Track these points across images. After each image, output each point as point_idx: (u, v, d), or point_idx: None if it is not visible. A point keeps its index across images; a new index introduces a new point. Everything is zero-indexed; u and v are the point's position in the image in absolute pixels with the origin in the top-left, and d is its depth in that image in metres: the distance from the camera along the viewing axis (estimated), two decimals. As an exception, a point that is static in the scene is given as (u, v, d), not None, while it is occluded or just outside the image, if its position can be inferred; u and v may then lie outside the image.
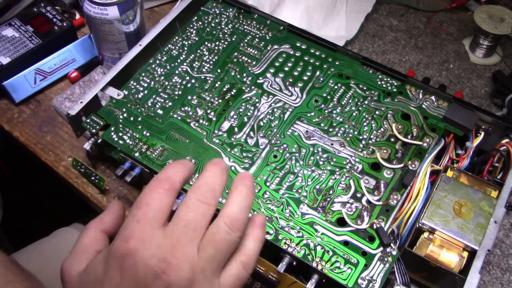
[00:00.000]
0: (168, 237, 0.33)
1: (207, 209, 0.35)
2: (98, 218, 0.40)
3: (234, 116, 0.54)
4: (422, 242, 0.46)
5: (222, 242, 0.34)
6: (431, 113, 0.54)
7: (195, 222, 0.34)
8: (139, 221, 0.34)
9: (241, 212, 0.35)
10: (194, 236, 0.34)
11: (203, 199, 0.35)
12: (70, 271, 0.37)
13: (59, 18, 0.67)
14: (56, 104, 0.63)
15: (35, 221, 1.01)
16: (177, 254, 0.33)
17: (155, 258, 0.32)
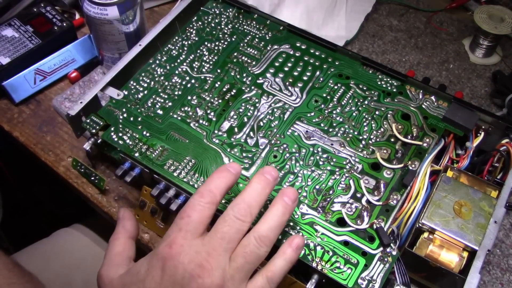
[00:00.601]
0: (205, 246, 0.38)
1: (242, 225, 0.39)
2: (122, 227, 0.45)
3: (234, 116, 0.54)
4: (422, 242, 0.46)
5: (251, 255, 0.39)
6: (431, 113, 0.54)
7: (229, 235, 0.39)
8: (181, 230, 0.39)
9: (270, 230, 0.40)
10: (228, 247, 0.38)
11: (239, 216, 0.39)
12: (110, 276, 0.41)
13: (59, 18, 0.67)
14: (56, 104, 0.63)
15: (35, 221, 1.01)
16: (212, 261, 0.37)
17: (193, 263, 0.37)
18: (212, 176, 0.42)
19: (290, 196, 0.41)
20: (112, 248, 0.43)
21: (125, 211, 0.46)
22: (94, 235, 0.68)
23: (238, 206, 0.40)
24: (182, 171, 0.50)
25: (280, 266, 0.40)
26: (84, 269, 0.65)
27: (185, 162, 0.51)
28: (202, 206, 0.40)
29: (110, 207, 0.56)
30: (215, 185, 0.41)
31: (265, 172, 0.42)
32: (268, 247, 0.39)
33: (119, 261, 0.42)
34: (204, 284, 0.37)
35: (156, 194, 0.50)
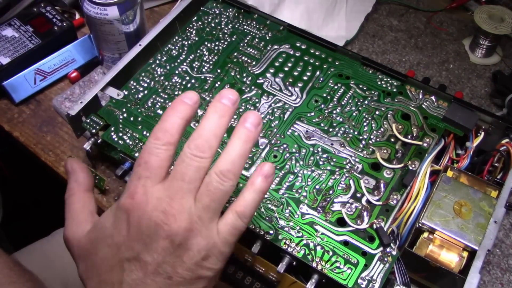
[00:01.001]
0: (167, 191, 0.36)
1: (201, 161, 0.36)
2: (74, 182, 0.42)
3: (234, 116, 0.54)
4: (422, 242, 0.46)
5: (215, 192, 0.36)
6: (431, 113, 0.54)
7: (189, 175, 0.36)
8: (140, 178, 0.37)
9: (232, 162, 0.37)
10: (190, 188, 0.36)
11: (196, 152, 0.36)
12: (75, 235, 0.39)
13: (59, 18, 0.67)
14: (56, 104, 0.63)
15: (35, 221, 1.01)
16: (175, 205, 0.36)
17: (156, 210, 0.35)
18: (167, 112, 0.38)
19: (252, 120, 0.38)
20: (71, 206, 0.41)
21: (73, 162, 0.43)
22: None
23: (195, 142, 0.37)
24: (182, 171, 0.50)
25: (250, 198, 0.37)
26: None
27: (185, 162, 0.51)
28: (158, 149, 0.37)
29: (110, 207, 0.56)
30: (171, 122, 0.37)
31: (222, 97, 0.38)
32: (232, 181, 0.37)
33: (81, 218, 0.40)
34: (172, 230, 0.35)
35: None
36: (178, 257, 0.36)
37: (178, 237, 0.35)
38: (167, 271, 0.36)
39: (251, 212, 0.38)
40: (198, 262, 0.36)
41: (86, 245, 0.39)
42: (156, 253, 0.36)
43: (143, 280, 0.36)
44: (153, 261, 0.36)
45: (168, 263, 0.36)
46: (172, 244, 0.36)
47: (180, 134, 0.38)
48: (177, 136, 0.37)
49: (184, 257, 0.36)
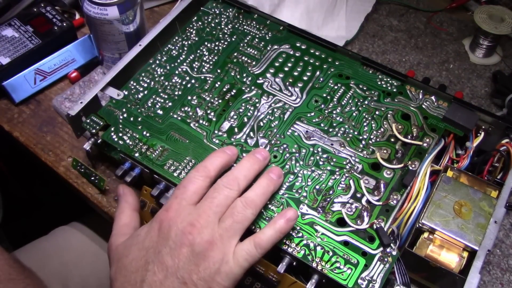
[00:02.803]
0: (197, 209, 0.43)
1: (230, 192, 0.44)
2: (125, 202, 0.49)
3: (234, 117, 0.54)
4: (422, 242, 0.46)
5: (238, 215, 0.43)
6: (431, 113, 0.54)
7: (218, 200, 0.43)
8: (177, 197, 0.44)
9: (256, 195, 0.44)
10: (217, 210, 0.43)
11: (227, 184, 0.44)
12: (116, 243, 0.45)
13: (59, 18, 0.67)
14: (56, 104, 0.63)
15: (34, 220, 1.01)
16: (201, 221, 0.42)
17: (185, 222, 0.42)
18: (209, 155, 0.47)
19: (275, 172, 0.47)
20: (119, 221, 0.48)
21: (124, 188, 0.50)
22: (91, 233, 0.68)
23: (227, 177, 0.45)
24: (182, 171, 0.50)
25: (269, 234, 0.43)
26: (81, 266, 0.65)
27: (185, 162, 0.51)
28: (196, 179, 0.44)
29: (110, 207, 0.56)
30: (210, 162, 0.46)
31: (256, 152, 0.48)
32: (254, 210, 0.44)
33: (125, 231, 0.46)
34: (195, 239, 0.41)
35: (156, 194, 0.50)
36: (196, 265, 0.41)
37: (199, 247, 0.41)
38: (184, 276, 0.40)
39: (267, 246, 0.43)
40: (211, 274, 0.40)
41: (121, 250, 0.44)
42: (178, 258, 0.41)
43: (162, 281, 0.41)
44: (174, 265, 0.41)
45: (186, 269, 0.40)
46: (193, 252, 0.41)
47: (217, 173, 0.46)
48: (214, 174, 0.46)
49: (200, 266, 0.41)
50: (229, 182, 0.44)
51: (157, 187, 0.50)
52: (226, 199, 0.43)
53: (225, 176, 0.45)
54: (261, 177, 0.46)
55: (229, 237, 0.42)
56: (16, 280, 0.51)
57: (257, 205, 0.44)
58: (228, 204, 0.43)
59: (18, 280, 0.51)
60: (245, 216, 0.43)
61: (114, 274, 0.43)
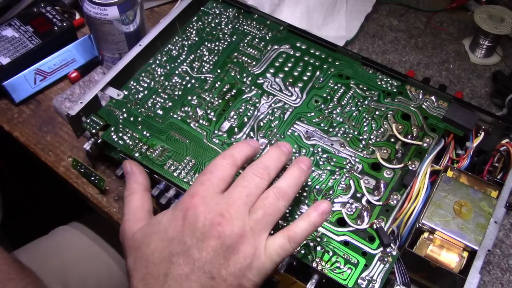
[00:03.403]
0: (225, 198, 0.40)
1: (260, 182, 0.41)
2: (135, 182, 0.46)
3: (234, 116, 0.54)
4: (422, 242, 0.46)
5: (270, 207, 0.40)
6: (431, 113, 0.54)
7: (248, 189, 0.40)
8: (203, 184, 0.40)
9: (288, 186, 0.42)
10: (247, 200, 0.40)
11: (257, 173, 0.41)
12: (131, 230, 0.42)
13: (59, 18, 0.67)
14: (56, 104, 0.63)
15: (34, 220, 1.01)
16: (232, 211, 0.39)
17: (213, 212, 0.39)
18: (235, 144, 0.45)
19: (305, 162, 0.44)
20: (131, 204, 0.44)
21: (132, 164, 0.47)
22: (91, 233, 0.68)
23: (257, 165, 0.42)
24: (182, 171, 0.50)
25: (302, 227, 0.40)
26: (81, 265, 0.65)
27: (185, 162, 0.51)
28: (223, 166, 0.42)
29: (110, 207, 0.56)
30: (237, 151, 0.43)
31: (281, 145, 0.45)
32: (286, 201, 0.41)
33: (139, 216, 0.43)
34: (224, 231, 0.38)
35: (156, 194, 0.50)
36: (225, 259, 0.38)
37: (229, 240, 0.38)
38: (212, 271, 0.37)
39: (301, 240, 0.40)
40: (242, 269, 0.38)
41: (139, 238, 0.41)
42: (206, 251, 0.38)
43: (188, 275, 0.37)
44: (201, 258, 0.38)
45: (215, 264, 0.37)
46: (222, 245, 0.38)
47: (243, 162, 0.43)
48: (240, 163, 0.43)
49: (230, 260, 0.38)
50: (259, 171, 0.42)
51: (157, 187, 0.50)
52: (257, 188, 0.41)
53: (254, 164, 0.42)
54: (291, 166, 0.44)
55: (260, 230, 0.39)
56: (16, 280, 0.51)
57: (289, 196, 0.42)
58: (258, 194, 0.41)
59: (18, 280, 0.51)
60: (277, 208, 0.40)
61: (133, 263, 0.40)
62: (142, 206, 0.44)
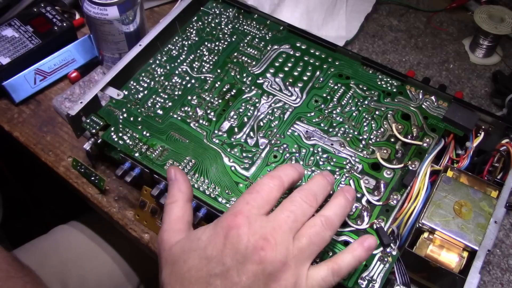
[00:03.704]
0: (270, 222, 0.38)
1: (308, 208, 0.40)
2: (178, 191, 0.43)
3: (234, 116, 0.54)
4: (422, 242, 0.46)
5: (316, 236, 0.39)
6: (431, 113, 0.54)
7: (295, 215, 0.39)
8: (248, 203, 0.39)
9: (335, 215, 0.40)
10: (293, 226, 0.38)
11: (306, 199, 0.40)
12: (170, 241, 0.40)
13: (59, 18, 0.67)
14: (56, 104, 0.63)
15: (34, 219, 1.01)
16: (276, 236, 0.37)
17: (257, 235, 0.37)
18: (282, 165, 0.43)
19: (350, 193, 0.43)
20: (171, 213, 0.42)
21: (177, 171, 0.44)
22: (90, 232, 0.68)
23: (306, 191, 0.41)
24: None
25: (348, 261, 0.39)
26: (80, 264, 0.65)
27: (185, 162, 0.51)
28: (270, 187, 0.40)
29: (110, 207, 0.56)
30: (285, 173, 0.42)
31: (326, 175, 0.43)
32: (332, 232, 0.40)
33: (179, 226, 0.41)
34: (267, 257, 0.36)
35: (156, 194, 0.50)
36: (265, 286, 0.36)
37: (271, 267, 0.36)
38: None
39: (344, 274, 0.39)
40: None
41: (177, 252, 0.39)
42: (246, 275, 0.36)
43: None
44: (240, 282, 0.36)
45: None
46: (264, 271, 0.36)
47: (289, 186, 0.42)
48: (287, 186, 0.41)
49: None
50: (308, 197, 0.40)
51: (157, 187, 0.50)
52: (304, 215, 0.39)
53: (303, 189, 0.41)
54: (337, 195, 0.42)
55: (304, 259, 0.38)
56: (15, 278, 0.51)
57: (336, 226, 0.40)
58: (304, 221, 0.39)
59: (17, 278, 0.51)
60: (323, 238, 0.39)
61: (167, 278, 0.39)
62: (183, 217, 0.42)
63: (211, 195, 0.48)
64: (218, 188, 0.49)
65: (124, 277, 0.67)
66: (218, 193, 0.48)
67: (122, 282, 0.67)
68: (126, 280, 0.67)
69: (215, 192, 0.49)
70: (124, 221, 0.55)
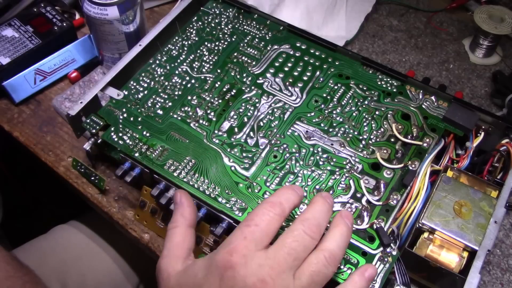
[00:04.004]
0: (269, 259, 0.36)
1: (310, 242, 0.37)
2: (180, 216, 0.42)
3: (234, 116, 0.54)
4: (422, 242, 0.46)
5: (319, 274, 0.36)
6: (431, 113, 0.54)
7: (297, 252, 0.36)
8: (246, 238, 0.36)
9: (339, 248, 0.37)
10: (293, 264, 0.36)
11: (309, 231, 0.37)
12: (168, 270, 0.39)
13: (59, 18, 0.67)
14: (56, 104, 0.63)
15: (34, 219, 1.01)
16: (275, 277, 0.35)
17: (254, 276, 0.35)
18: (281, 190, 0.40)
19: (349, 218, 0.40)
20: (172, 238, 0.41)
21: (182, 195, 0.43)
22: (90, 232, 0.68)
23: (309, 221, 0.38)
24: (182, 171, 0.50)
25: None
26: (80, 264, 0.65)
27: (185, 162, 0.51)
28: (271, 217, 0.37)
29: (110, 207, 0.56)
30: (286, 198, 0.39)
31: (326, 197, 0.41)
32: (335, 267, 0.37)
33: (178, 253, 0.40)
34: None
35: (156, 194, 0.50)
36: None
37: None
38: None
39: None
40: None
41: (172, 284, 0.38)
42: None
43: None
44: None
45: None
46: None
47: (290, 211, 0.39)
48: (288, 212, 0.38)
49: None
50: (312, 228, 0.37)
51: (157, 187, 0.50)
52: (305, 250, 0.37)
53: (305, 219, 0.38)
54: (338, 223, 0.39)
55: None
56: (14, 278, 0.51)
57: (339, 260, 0.37)
58: (306, 256, 0.37)
59: (16, 278, 0.51)
60: (325, 275, 0.36)
61: None
62: (183, 243, 0.41)
63: (211, 195, 0.48)
64: (218, 188, 0.49)
65: (123, 277, 0.67)
66: (218, 193, 0.48)
67: (121, 282, 0.67)
68: (126, 280, 0.67)
69: (215, 192, 0.49)
70: (124, 221, 0.55)
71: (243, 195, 0.48)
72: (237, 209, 0.47)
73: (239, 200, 0.48)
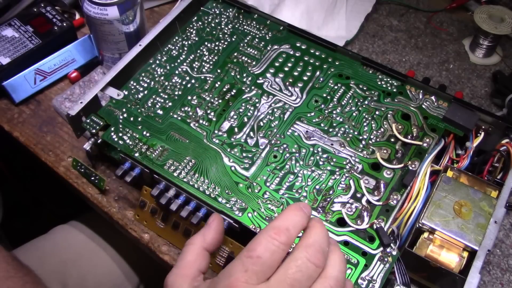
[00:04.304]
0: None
1: (315, 271, 0.34)
2: (201, 235, 0.40)
3: (234, 116, 0.54)
4: (422, 242, 0.46)
5: None
6: (431, 113, 0.54)
7: (301, 284, 0.34)
8: (247, 271, 0.34)
9: (342, 273, 0.35)
10: None
11: (313, 259, 0.34)
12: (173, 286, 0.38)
13: (59, 18, 0.67)
14: (56, 104, 0.63)
15: (35, 221, 1.01)
16: None
17: None
18: (288, 211, 0.36)
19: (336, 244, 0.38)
20: (185, 255, 0.40)
21: (215, 219, 0.42)
22: (90, 232, 0.68)
23: (313, 249, 0.35)
24: (182, 171, 0.50)
25: None
26: (80, 264, 0.65)
27: (185, 162, 0.51)
28: (276, 247, 0.34)
29: (110, 207, 0.56)
30: (293, 225, 0.35)
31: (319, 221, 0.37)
32: None
33: (187, 272, 0.38)
34: None
35: (156, 194, 0.50)
36: None
37: None
38: None
39: None
40: None
41: None
42: None
43: None
44: None
45: None
46: None
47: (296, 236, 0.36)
48: (294, 238, 0.35)
49: None
50: (316, 256, 0.34)
51: (157, 187, 0.50)
52: (309, 280, 0.34)
53: (308, 246, 0.35)
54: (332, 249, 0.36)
55: None
56: (14, 278, 0.51)
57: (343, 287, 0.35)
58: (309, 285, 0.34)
59: (17, 278, 0.51)
60: None
61: None
62: (194, 262, 0.39)
63: (211, 195, 0.48)
64: (218, 188, 0.49)
65: (123, 277, 0.67)
66: (218, 193, 0.48)
67: (121, 281, 0.67)
68: (126, 280, 0.67)
69: (215, 192, 0.49)
70: (124, 221, 0.55)
71: (243, 195, 0.48)
72: (237, 209, 0.47)
73: (239, 200, 0.48)
